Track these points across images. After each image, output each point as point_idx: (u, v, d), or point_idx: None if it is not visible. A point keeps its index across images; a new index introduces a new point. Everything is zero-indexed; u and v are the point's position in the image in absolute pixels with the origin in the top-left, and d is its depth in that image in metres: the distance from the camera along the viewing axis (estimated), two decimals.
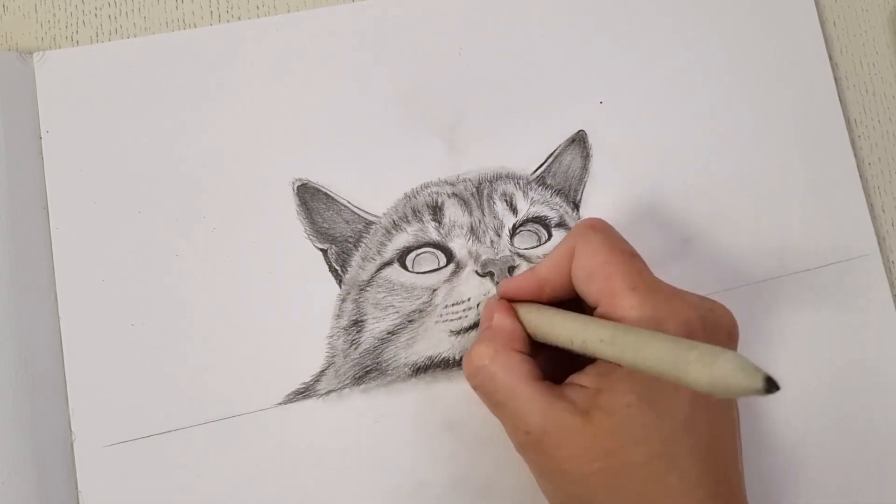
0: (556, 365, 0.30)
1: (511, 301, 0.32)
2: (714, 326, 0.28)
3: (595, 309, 0.28)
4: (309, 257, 0.35)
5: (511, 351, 0.29)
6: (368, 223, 0.36)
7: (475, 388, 0.30)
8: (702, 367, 0.19)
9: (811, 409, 0.36)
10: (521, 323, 0.30)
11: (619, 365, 0.25)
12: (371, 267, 0.35)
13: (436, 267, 0.35)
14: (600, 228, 0.30)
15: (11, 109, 0.35)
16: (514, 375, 0.28)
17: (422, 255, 0.35)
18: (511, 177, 0.37)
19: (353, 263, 0.35)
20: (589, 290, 0.28)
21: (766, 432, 0.35)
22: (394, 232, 0.36)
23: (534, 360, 0.29)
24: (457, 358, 0.35)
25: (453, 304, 0.35)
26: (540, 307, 0.30)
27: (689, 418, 0.26)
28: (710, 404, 0.27)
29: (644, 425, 0.26)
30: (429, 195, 0.36)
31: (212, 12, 0.38)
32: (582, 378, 0.28)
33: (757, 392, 0.18)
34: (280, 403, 0.34)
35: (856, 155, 0.38)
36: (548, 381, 0.28)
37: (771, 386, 0.18)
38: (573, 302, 0.30)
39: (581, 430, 0.26)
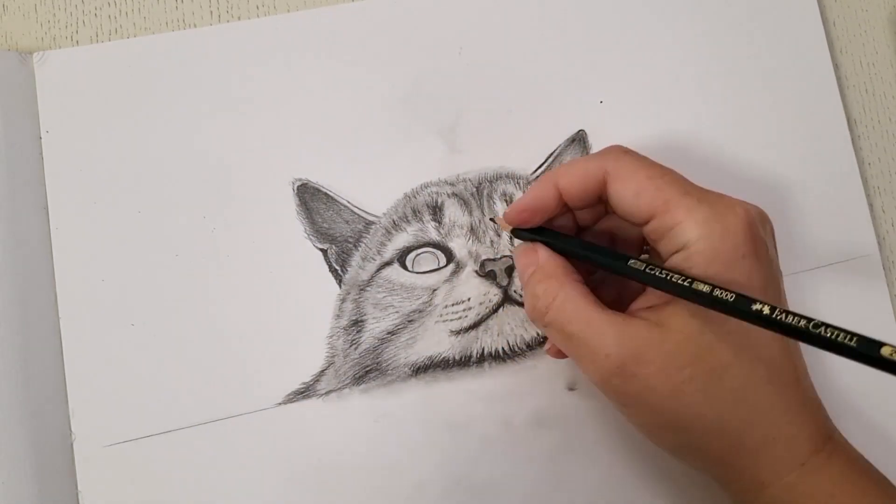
0: (606, 298, 0.30)
1: (522, 214, 0.31)
2: (762, 218, 0.29)
3: (647, 224, 0.28)
4: (309, 257, 0.35)
5: (574, 282, 0.29)
6: (368, 223, 0.36)
7: (546, 326, 0.29)
8: None
9: None
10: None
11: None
12: (371, 267, 0.35)
13: (436, 267, 0.35)
14: (632, 152, 0.30)
15: (11, 109, 0.35)
16: (583, 305, 0.28)
17: (422, 255, 0.35)
18: (511, 176, 0.37)
19: (353, 263, 0.35)
20: (639, 206, 0.28)
21: None
22: (394, 232, 0.36)
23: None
24: (457, 358, 0.35)
25: (453, 304, 0.35)
26: None
27: None
28: (776, 292, 0.28)
29: (725, 320, 0.26)
30: (429, 195, 0.36)
31: (212, 12, 0.38)
32: (644, 301, 0.28)
33: None
34: (280, 403, 0.34)
35: (856, 155, 0.38)
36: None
37: None
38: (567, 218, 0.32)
39: (662, 340, 0.26)
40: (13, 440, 0.32)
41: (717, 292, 0.25)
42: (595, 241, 0.32)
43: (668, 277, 0.26)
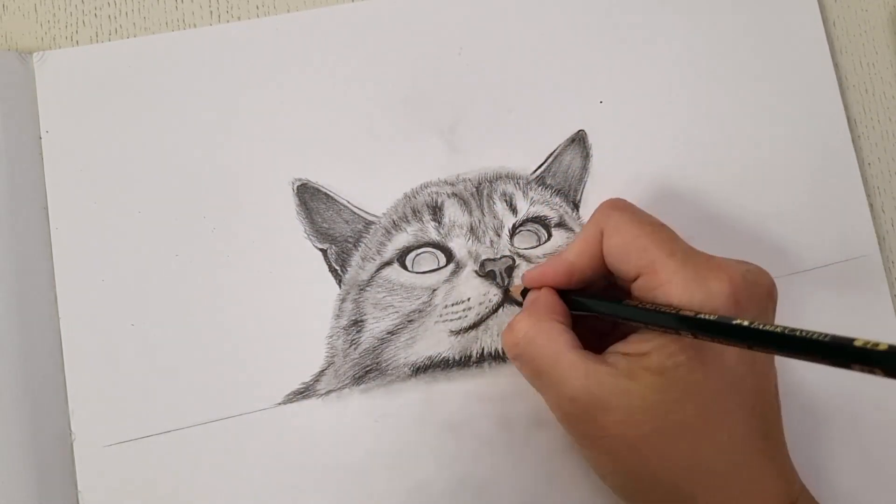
0: (592, 340, 0.29)
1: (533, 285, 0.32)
2: (754, 284, 0.28)
3: (634, 281, 0.28)
4: (309, 257, 0.35)
5: (552, 320, 0.29)
6: (368, 223, 0.36)
7: (515, 358, 0.30)
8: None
9: (811, 409, 0.36)
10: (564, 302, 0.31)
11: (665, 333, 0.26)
12: (371, 267, 0.35)
13: (435, 267, 0.35)
14: (623, 207, 0.30)
15: (11, 109, 0.35)
16: (556, 342, 0.28)
17: (421, 255, 0.35)
18: (511, 177, 0.37)
19: (353, 263, 0.35)
20: (626, 265, 0.29)
21: None
22: (394, 232, 0.36)
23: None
24: (456, 358, 0.35)
25: (453, 304, 0.35)
26: None
27: (737, 377, 0.27)
28: (756, 363, 0.27)
29: (695, 381, 0.26)
30: (429, 195, 0.36)
31: (212, 12, 0.38)
32: (623, 346, 0.28)
33: None
34: (280, 403, 0.34)
35: (856, 155, 0.38)
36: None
37: None
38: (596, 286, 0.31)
39: (628, 391, 0.26)
40: (13, 440, 0.32)
41: (700, 315, 0.25)
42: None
43: (656, 309, 0.26)
